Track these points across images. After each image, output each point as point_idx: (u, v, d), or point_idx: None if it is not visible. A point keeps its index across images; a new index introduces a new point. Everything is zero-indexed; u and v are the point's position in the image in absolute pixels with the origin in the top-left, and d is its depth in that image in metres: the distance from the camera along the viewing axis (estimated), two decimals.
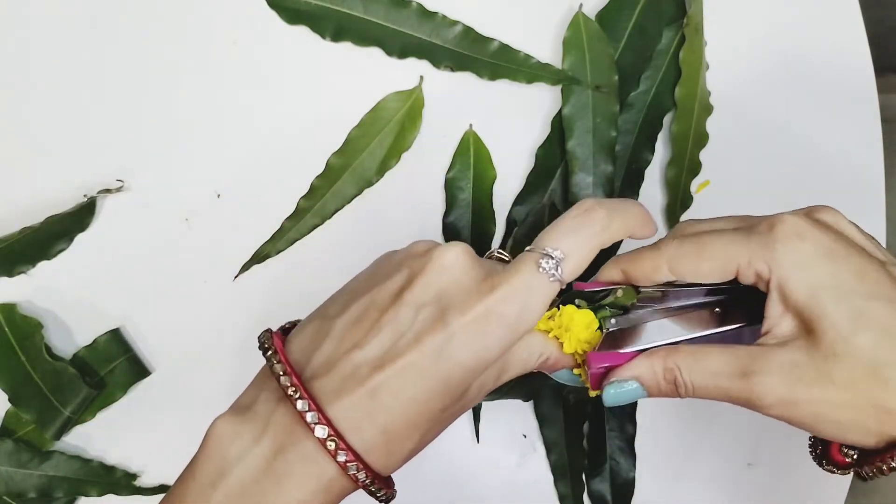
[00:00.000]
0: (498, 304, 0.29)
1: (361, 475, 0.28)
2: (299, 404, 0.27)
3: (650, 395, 0.31)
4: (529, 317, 0.29)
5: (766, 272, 0.29)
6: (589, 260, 0.30)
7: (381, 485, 0.29)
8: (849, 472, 0.31)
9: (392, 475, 0.31)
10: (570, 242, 0.30)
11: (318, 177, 0.47)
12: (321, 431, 0.27)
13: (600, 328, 0.32)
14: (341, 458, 0.27)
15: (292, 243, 0.47)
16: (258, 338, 0.31)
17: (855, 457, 0.30)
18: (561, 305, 0.32)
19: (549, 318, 0.32)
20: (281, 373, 0.28)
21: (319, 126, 0.48)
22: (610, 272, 0.33)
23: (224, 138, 0.48)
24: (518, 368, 0.32)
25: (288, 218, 0.47)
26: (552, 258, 0.29)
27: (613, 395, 0.30)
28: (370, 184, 0.47)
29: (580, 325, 0.32)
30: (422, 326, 0.29)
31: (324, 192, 0.47)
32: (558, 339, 0.32)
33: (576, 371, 0.34)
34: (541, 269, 0.29)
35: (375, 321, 0.29)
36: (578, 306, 0.32)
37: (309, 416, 0.27)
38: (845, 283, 0.28)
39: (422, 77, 0.48)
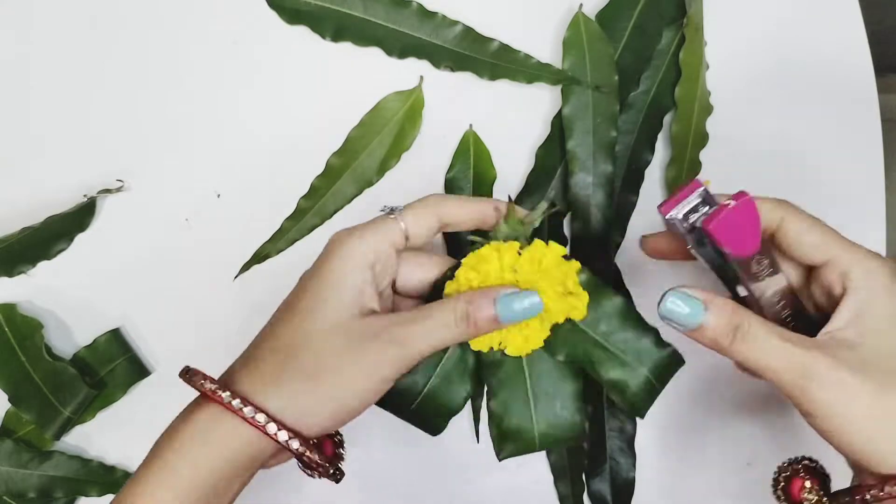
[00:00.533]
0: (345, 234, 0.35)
1: (261, 418, 0.31)
2: (205, 384, 0.32)
3: (703, 330, 0.31)
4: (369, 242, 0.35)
5: (857, 278, 0.32)
6: (427, 223, 0.35)
7: (303, 443, 0.32)
8: None
9: (342, 461, 0.35)
10: (412, 207, 0.36)
11: (318, 177, 0.47)
12: (226, 396, 0.32)
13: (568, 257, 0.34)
14: (237, 405, 0.31)
15: (292, 243, 0.47)
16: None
17: (814, 500, 0.33)
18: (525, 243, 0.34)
19: (514, 266, 0.34)
20: (187, 372, 0.34)
21: (319, 126, 0.48)
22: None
23: (224, 138, 0.48)
24: (429, 340, 0.33)
25: (288, 218, 0.47)
26: (394, 209, 0.36)
27: (671, 304, 0.31)
28: (370, 184, 0.47)
29: (555, 258, 0.33)
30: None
31: (324, 193, 0.47)
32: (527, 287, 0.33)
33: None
34: (382, 210, 0.36)
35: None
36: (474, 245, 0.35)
37: (210, 386, 0.32)
38: None
39: (422, 77, 0.48)
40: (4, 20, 0.49)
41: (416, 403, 0.37)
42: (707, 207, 0.32)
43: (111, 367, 0.46)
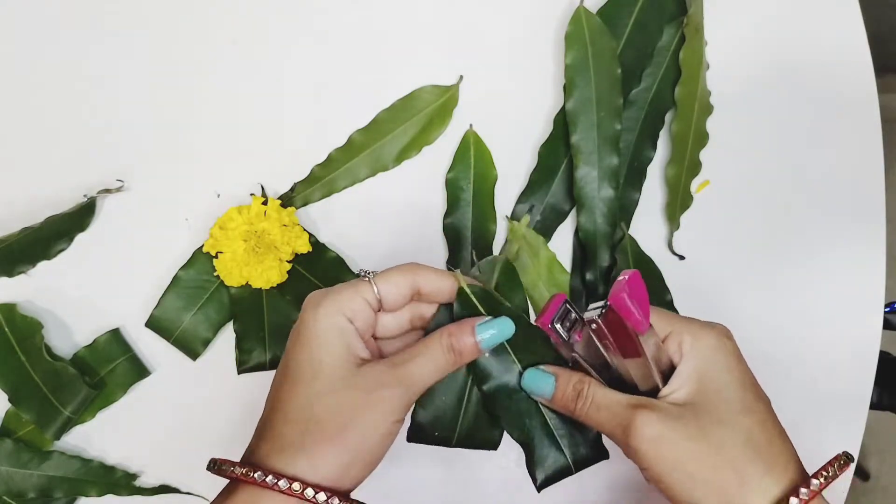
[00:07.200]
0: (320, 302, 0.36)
1: (297, 486, 0.32)
2: (235, 470, 0.33)
3: (555, 398, 0.37)
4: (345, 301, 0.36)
5: (688, 345, 0.35)
6: (401, 291, 0.36)
7: (343, 499, 0.32)
8: None
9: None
10: (387, 272, 0.37)
11: (337, 149, 0.47)
12: (258, 475, 0.32)
13: None
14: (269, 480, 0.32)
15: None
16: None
17: None
18: None
19: None
20: (214, 464, 0.34)
21: (320, 126, 0.48)
22: None
23: (224, 138, 0.48)
24: (426, 375, 0.35)
25: (300, 182, 0.47)
26: (367, 272, 0.37)
27: (528, 380, 0.37)
28: (385, 169, 0.47)
29: (275, 206, 0.44)
30: None
31: (339, 166, 0.47)
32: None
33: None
34: (358, 273, 0.37)
35: None
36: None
37: (241, 470, 0.32)
38: (745, 380, 0.35)
39: (461, 76, 0.48)
40: (4, 20, 0.48)
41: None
42: (573, 314, 0.36)
43: (111, 367, 0.46)
